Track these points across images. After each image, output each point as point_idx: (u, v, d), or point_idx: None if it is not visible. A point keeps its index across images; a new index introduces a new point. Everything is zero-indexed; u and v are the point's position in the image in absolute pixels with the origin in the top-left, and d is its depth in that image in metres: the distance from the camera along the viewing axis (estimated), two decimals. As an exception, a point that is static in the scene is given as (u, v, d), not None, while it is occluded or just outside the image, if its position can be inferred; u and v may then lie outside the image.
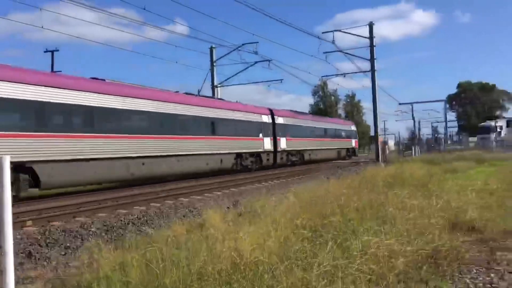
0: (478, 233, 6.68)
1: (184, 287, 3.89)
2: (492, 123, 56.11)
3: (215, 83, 32.76)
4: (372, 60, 32.20)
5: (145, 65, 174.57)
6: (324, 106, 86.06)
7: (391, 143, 68.05)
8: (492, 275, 4.89)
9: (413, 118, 65.23)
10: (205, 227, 6.52)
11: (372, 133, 50.91)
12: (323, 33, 34.64)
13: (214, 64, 32.63)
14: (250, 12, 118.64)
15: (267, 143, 27.72)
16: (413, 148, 43.33)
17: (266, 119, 28.37)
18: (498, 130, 53.38)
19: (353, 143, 45.82)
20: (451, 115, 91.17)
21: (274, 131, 28.50)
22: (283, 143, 29.16)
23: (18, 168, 13.18)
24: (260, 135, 27.09)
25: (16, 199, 12.57)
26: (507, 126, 54.66)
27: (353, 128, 47.15)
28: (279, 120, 29.48)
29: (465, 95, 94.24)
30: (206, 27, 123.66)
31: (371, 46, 31.97)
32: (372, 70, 32.46)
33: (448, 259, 5.20)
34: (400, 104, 70.87)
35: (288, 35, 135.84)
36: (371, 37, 31.86)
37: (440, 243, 5.37)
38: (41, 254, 7.25)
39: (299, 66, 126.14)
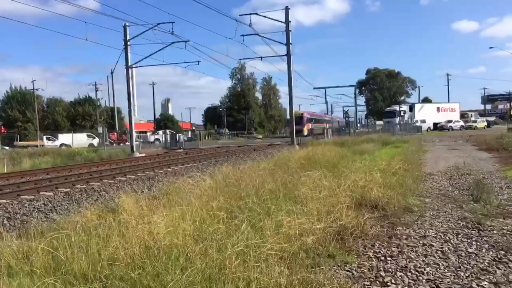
0: (381, 210, 7.18)
1: (93, 274, 3.76)
2: (397, 108, 60.12)
3: (130, 63, 31.43)
4: (288, 44, 32.55)
5: (53, 40, 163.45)
6: (241, 88, 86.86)
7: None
8: (393, 248, 5.30)
9: (326, 102, 68.31)
10: (118, 212, 6.32)
11: (287, 116, 55.74)
12: (240, 15, 34.67)
13: (128, 43, 31.21)
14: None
15: None
16: (325, 131, 45.14)
17: None
18: (402, 114, 57.28)
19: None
20: (361, 100, 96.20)
21: None
22: None
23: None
24: None
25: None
26: (410, 110, 58.84)
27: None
28: None
29: (373, 81, 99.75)
30: (118, 4, 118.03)
31: (287, 30, 32.26)
32: (288, 54, 32.88)
33: (354, 235, 5.55)
34: (314, 88, 73.83)
35: (205, 17, 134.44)
36: (287, 22, 32.14)
37: (347, 221, 5.70)
38: None
39: (217, 48, 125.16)
